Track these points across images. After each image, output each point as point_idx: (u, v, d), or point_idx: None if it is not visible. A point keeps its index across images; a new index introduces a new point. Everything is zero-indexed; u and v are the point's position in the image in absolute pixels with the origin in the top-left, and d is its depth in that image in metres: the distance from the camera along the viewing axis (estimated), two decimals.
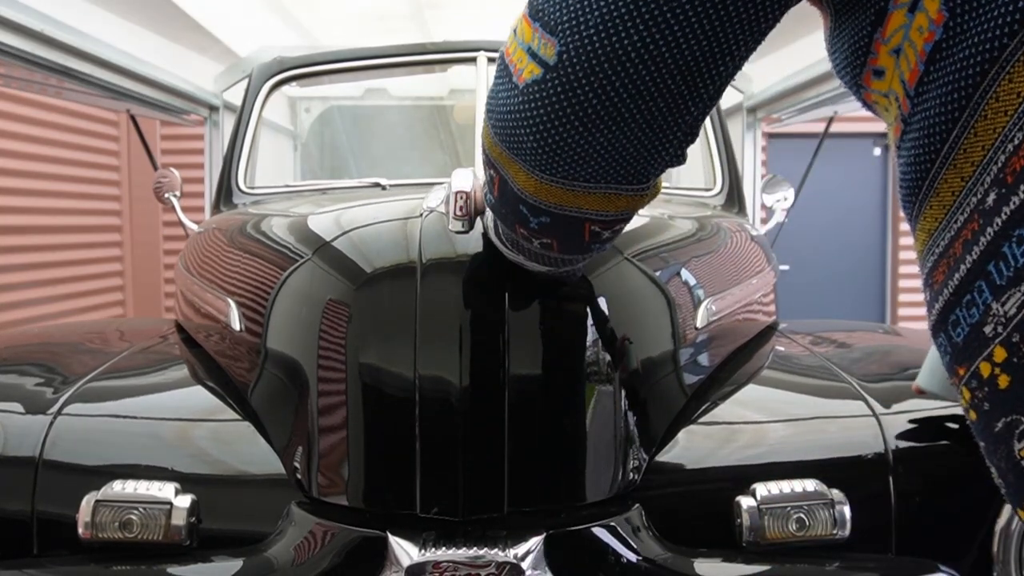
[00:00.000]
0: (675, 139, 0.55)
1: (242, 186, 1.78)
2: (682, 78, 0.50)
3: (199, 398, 1.10)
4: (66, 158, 4.36)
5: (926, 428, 0.98)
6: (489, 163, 0.62)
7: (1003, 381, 0.46)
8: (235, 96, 3.59)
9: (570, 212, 0.60)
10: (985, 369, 0.47)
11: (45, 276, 4.15)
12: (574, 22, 0.49)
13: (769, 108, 3.45)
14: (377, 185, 1.65)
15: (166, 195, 1.92)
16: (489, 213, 0.81)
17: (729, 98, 3.63)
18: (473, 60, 1.76)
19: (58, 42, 2.47)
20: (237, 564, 0.86)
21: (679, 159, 0.59)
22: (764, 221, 2.57)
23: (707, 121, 1.84)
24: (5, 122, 3.93)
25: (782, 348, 1.31)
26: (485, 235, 0.87)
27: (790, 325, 1.49)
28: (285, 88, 2.03)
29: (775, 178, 1.96)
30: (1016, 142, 0.44)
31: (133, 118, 3.38)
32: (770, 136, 5.49)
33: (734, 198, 1.80)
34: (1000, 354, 0.46)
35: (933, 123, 0.48)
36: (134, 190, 4.80)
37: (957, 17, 0.45)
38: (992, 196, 0.46)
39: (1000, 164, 0.45)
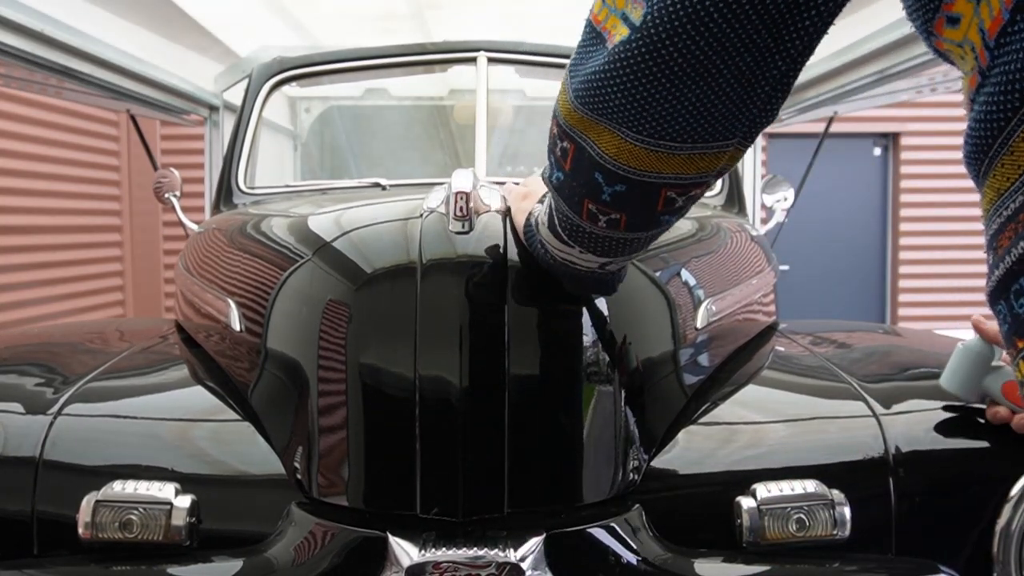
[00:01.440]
0: (762, 93, 0.55)
1: (242, 186, 1.78)
2: (767, 31, 0.51)
3: (199, 398, 1.10)
4: (66, 158, 4.36)
5: (926, 428, 0.98)
6: (564, 134, 0.63)
7: None
8: (235, 96, 3.59)
9: (648, 177, 0.60)
10: None
11: (45, 276, 4.16)
12: None
13: None
14: (377, 185, 1.65)
15: (166, 195, 1.92)
16: (537, 210, 0.80)
17: None
18: (473, 60, 1.76)
19: (58, 42, 2.47)
20: (237, 564, 0.86)
21: (767, 114, 0.59)
22: (764, 221, 2.57)
23: None
24: (5, 122, 3.93)
25: (782, 348, 1.31)
26: (487, 238, 0.87)
27: (790, 325, 1.49)
28: (285, 88, 2.03)
29: (775, 178, 1.96)
30: None
31: (133, 118, 3.39)
32: (770, 136, 5.49)
33: (734, 198, 1.80)
34: None
35: (1014, 77, 0.45)
36: (134, 190, 4.81)
37: None
38: None
39: None
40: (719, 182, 1.81)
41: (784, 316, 1.61)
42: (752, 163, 3.64)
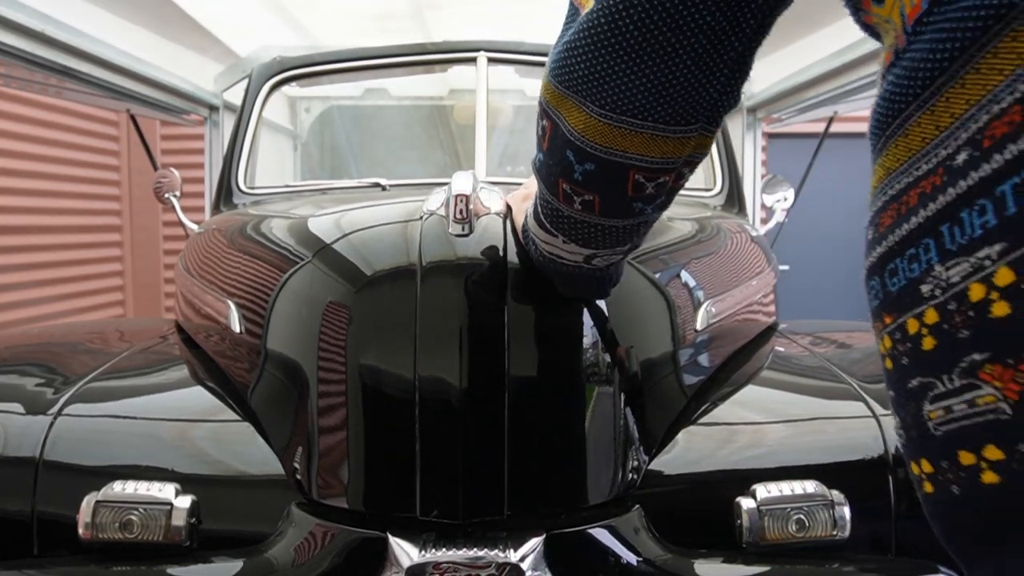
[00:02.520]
0: (720, 75, 0.56)
1: (242, 186, 1.79)
2: (720, 12, 0.52)
3: (199, 399, 1.10)
4: (66, 158, 4.36)
5: None
6: (543, 113, 0.64)
7: (928, 343, 0.46)
8: (235, 96, 3.60)
9: (615, 156, 0.61)
10: (912, 326, 0.47)
11: (45, 276, 4.15)
12: None
13: (769, 108, 3.46)
14: (377, 185, 1.65)
15: (166, 195, 1.92)
16: (526, 214, 0.80)
17: None
18: (473, 61, 1.76)
19: (58, 42, 2.46)
20: (237, 565, 0.86)
21: (729, 98, 0.59)
22: (764, 221, 2.57)
23: None
24: (5, 122, 3.93)
25: (782, 349, 1.31)
26: (486, 240, 0.87)
27: (790, 326, 1.49)
28: (285, 88, 2.04)
29: (775, 178, 1.96)
30: (1004, 105, 0.43)
31: (133, 118, 3.38)
32: (770, 136, 5.50)
33: (734, 198, 1.80)
34: (931, 316, 0.46)
35: (921, 64, 0.47)
36: (134, 190, 4.80)
37: None
38: (963, 155, 0.44)
39: (981, 124, 0.44)
40: (718, 182, 1.81)
41: (785, 316, 1.61)
42: (752, 163, 3.64)
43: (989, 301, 0.43)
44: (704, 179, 1.85)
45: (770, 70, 3.11)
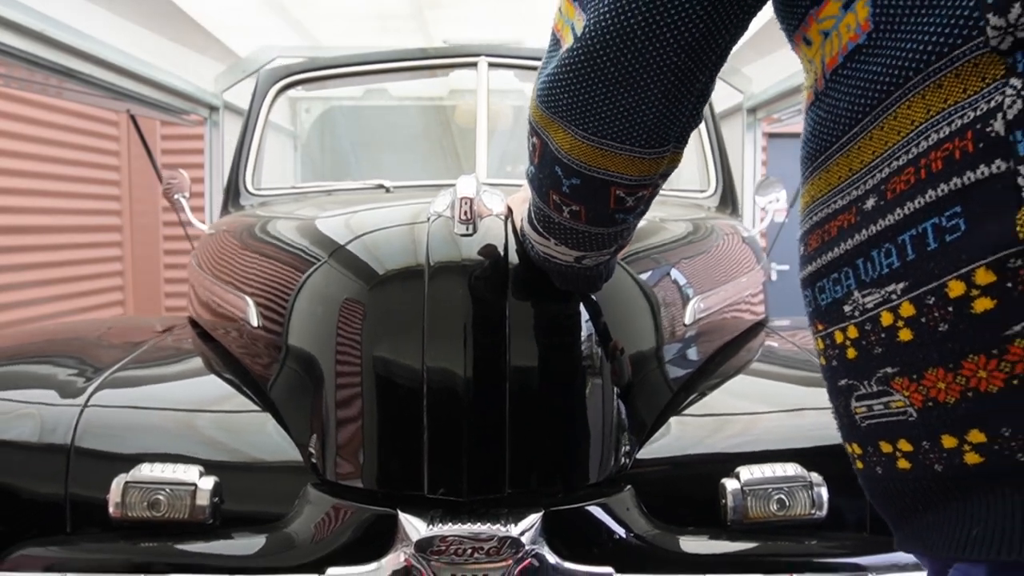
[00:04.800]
0: (688, 104, 0.65)
1: (250, 187, 1.88)
2: (686, 54, 0.60)
3: (218, 388, 1.19)
4: (66, 158, 4.42)
5: None
6: (532, 131, 0.72)
7: (851, 353, 0.55)
8: (235, 96, 3.67)
9: (598, 174, 0.69)
10: (839, 337, 0.56)
11: (45, 276, 4.22)
12: (595, 2, 0.60)
13: (769, 108, 3.52)
14: (381, 187, 1.74)
15: (175, 196, 2.01)
16: (524, 219, 0.89)
17: (729, 98, 3.70)
18: (474, 65, 1.85)
19: (58, 42, 2.50)
20: (260, 540, 0.95)
21: (695, 120, 0.68)
22: (763, 220, 2.65)
23: (701, 125, 1.94)
24: (5, 122, 3.99)
25: (768, 343, 1.40)
26: (489, 240, 0.95)
27: (780, 322, 1.58)
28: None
29: (768, 180, 2.05)
30: (901, 163, 0.51)
31: (133, 118, 3.43)
32: (770, 136, 5.57)
33: (728, 199, 1.89)
34: (853, 332, 0.54)
35: (840, 111, 0.55)
36: (134, 190, 4.88)
37: (881, 33, 0.52)
38: (871, 201, 0.53)
39: (884, 175, 0.52)
40: (713, 183, 1.91)
41: (785, 314, 1.69)
42: (752, 163, 3.71)
43: (896, 327, 0.51)
44: (699, 181, 1.95)
45: (770, 70, 3.18)
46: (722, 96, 3.68)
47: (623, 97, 0.62)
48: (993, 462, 0.49)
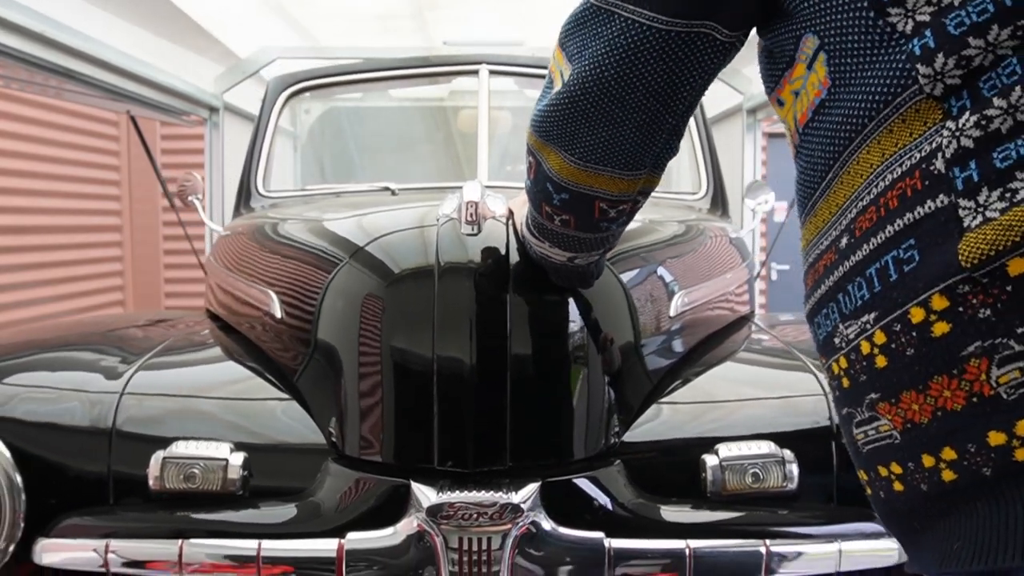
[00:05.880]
0: (660, 138, 0.78)
1: (260, 189, 2.03)
2: (655, 100, 0.73)
3: (244, 375, 1.34)
4: (66, 158, 4.54)
5: None
6: (529, 151, 0.86)
7: (845, 383, 0.61)
8: (235, 97, 3.80)
9: (583, 190, 0.82)
10: (835, 368, 0.62)
11: (45, 276, 4.33)
12: (578, 57, 0.74)
13: (769, 109, 3.63)
14: (387, 189, 1.89)
15: (189, 198, 2.16)
16: (523, 223, 1.03)
17: (729, 99, 3.83)
18: (476, 72, 2.00)
19: (59, 43, 2.59)
20: (286, 509, 1.10)
21: (669, 151, 0.81)
22: (764, 220, 2.79)
23: (693, 129, 2.09)
24: (5, 122, 4.09)
25: (751, 335, 1.55)
26: (492, 240, 1.10)
27: (767, 317, 1.73)
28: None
29: (756, 183, 2.21)
30: (864, 203, 0.57)
31: (133, 119, 3.50)
32: (770, 136, 5.70)
33: (718, 201, 2.05)
34: (843, 362, 0.61)
35: (816, 160, 0.63)
36: (134, 190, 5.02)
37: (838, 87, 0.60)
38: (845, 240, 0.59)
39: (852, 216, 0.58)
40: (704, 186, 2.06)
41: (786, 313, 1.83)
42: (752, 163, 3.84)
43: (873, 355, 0.57)
44: (691, 184, 2.10)
45: None
46: (722, 96, 3.81)
47: (602, 131, 0.76)
48: (965, 478, 0.53)
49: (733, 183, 2.58)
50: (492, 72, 2.00)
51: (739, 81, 3.60)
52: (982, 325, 0.51)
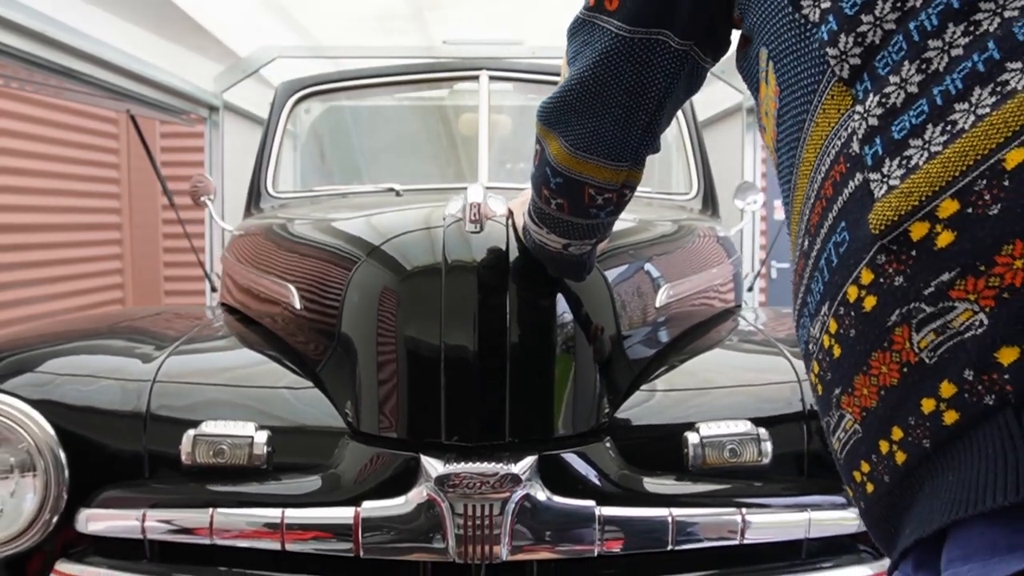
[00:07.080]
0: (636, 132, 0.93)
1: (270, 190, 2.20)
2: (628, 97, 0.88)
3: (265, 361, 1.51)
4: (66, 157, 4.67)
5: None
6: (537, 140, 1.01)
7: (820, 390, 0.63)
8: (235, 96, 3.94)
9: (574, 176, 0.98)
10: (812, 377, 0.65)
11: (44, 274, 4.46)
12: (572, 60, 0.91)
13: None
14: (391, 190, 2.06)
15: (201, 198, 2.32)
16: (524, 213, 1.18)
17: (729, 98, 3.98)
18: (476, 78, 2.17)
19: (58, 43, 2.68)
20: (307, 481, 1.27)
21: (647, 146, 0.95)
22: (764, 219, 2.93)
23: (685, 133, 2.26)
24: (5, 121, 4.22)
25: (735, 326, 1.71)
26: (494, 239, 1.26)
27: (754, 312, 1.89)
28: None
29: (745, 183, 2.38)
30: (812, 200, 0.61)
31: (133, 118, 3.60)
32: None
33: (708, 201, 2.22)
34: (816, 368, 0.63)
35: (783, 172, 0.69)
36: (134, 190, 5.17)
37: (784, 93, 0.65)
38: (807, 240, 0.63)
39: (807, 217, 0.62)
40: (695, 186, 2.23)
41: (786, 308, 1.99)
42: (752, 163, 3.98)
43: (832, 347, 0.59)
44: (683, 184, 2.27)
45: None
46: (722, 96, 3.95)
47: (588, 123, 0.92)
48: (912, 455, 0.54)
49: (734, 182, 2.73)
50: (492, 78, 2.17)
51: (739, 81, 3.70)
52: (898, 292, 0.53)
